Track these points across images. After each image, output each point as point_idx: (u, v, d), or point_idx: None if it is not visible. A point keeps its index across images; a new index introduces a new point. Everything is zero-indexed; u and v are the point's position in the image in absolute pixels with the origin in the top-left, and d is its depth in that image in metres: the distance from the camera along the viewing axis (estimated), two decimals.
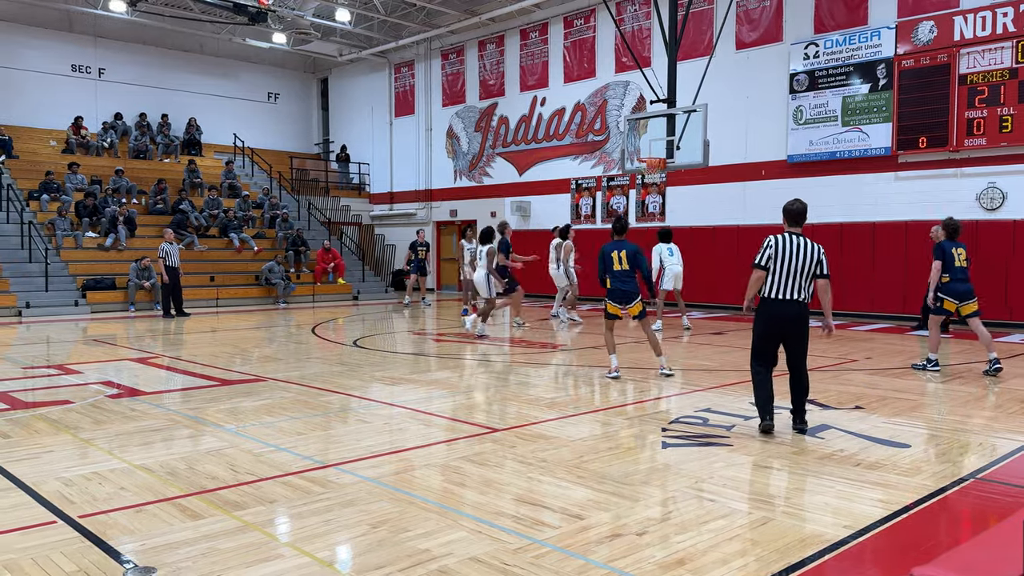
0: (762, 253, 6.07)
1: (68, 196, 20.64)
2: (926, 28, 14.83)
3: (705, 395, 7.75)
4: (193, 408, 7.19)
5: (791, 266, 5.99)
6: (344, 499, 4.53)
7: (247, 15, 21.20)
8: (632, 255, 8.74)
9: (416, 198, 26.15)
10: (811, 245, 6.05)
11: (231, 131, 26.82)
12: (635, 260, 8.73)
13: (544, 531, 4.01)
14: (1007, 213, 14.14)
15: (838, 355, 10.60)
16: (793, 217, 6.19)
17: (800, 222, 6.19)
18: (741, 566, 3.57)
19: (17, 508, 4.40)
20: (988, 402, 7.36)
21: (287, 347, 12.05)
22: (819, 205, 16.34)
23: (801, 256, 5.99)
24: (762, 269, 6.07)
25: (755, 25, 17.36)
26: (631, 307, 8.78)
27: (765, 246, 6.10)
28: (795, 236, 6.07)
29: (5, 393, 7.99)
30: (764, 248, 6.08)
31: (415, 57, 25.60)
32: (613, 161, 20.08)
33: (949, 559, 3.05)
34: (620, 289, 8.76)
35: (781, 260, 6.02)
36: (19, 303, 17.07)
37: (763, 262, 6.05)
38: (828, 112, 16.12)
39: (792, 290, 5.99)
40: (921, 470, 5.09)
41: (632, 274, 8.73)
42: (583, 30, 20.87)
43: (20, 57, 23.19)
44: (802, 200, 6.31)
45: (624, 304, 8.79)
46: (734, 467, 5.18)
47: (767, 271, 6.06)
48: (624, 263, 8.71)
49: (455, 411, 7.12)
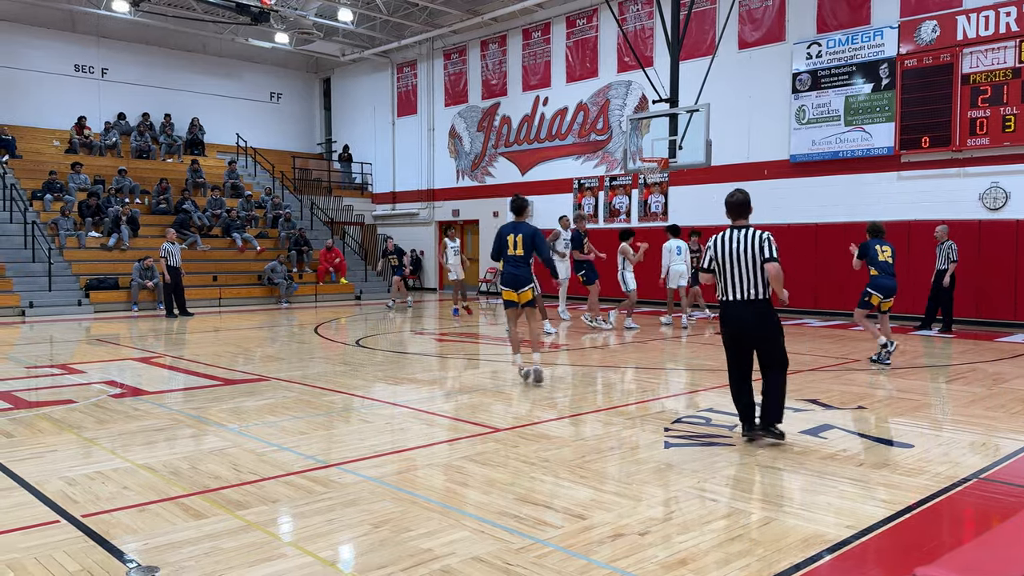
0: (704, 255, 5.73)
1: (71, 196, 20.67)
2: (929, 28, 14.80)
3: (707, 395, 7.74)
4: (196, 408, 7.20)
5: (736, 264, 5.54)
6: (346, 499, 4.53)
7: (250, 15, 21.21)
8: (528, 238, 8.23)
9: (418, 198, 26.16)
10: (755, 236, 5.54)
11: (234, 131, 26.85)
12: (531, 244, 8.21)
13: (546, 531, 4.01)
14: (1010, 213, 14.11)
15: (840, 355, 10.59)
16: (734, 210, 5.69)
17: (743, 214, 5.69)
18: (743, 566, 3.57)
19: (20, 507, 4.41)
20: (991, 402, 7.35)
21: (290, 347, 12.06)
22: (822, 205, 16.37)
23: (745, 251, 5.51)
24: (706, 272, 5.77)
25: (757, 25, 17.35)
26: (522, 293, 8.24)
27: (707, 247, 5.72)
28: (737, 231, 5.59)
29: (8, 392, 8.00)
30: (706, 249, 5.74)
31: (417, 57, 25.61)
32: (615, 161, 20.08)
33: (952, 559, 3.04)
34: (512, 273, 8.26)
35: (724, 259, 5.61)
36: (22, 303, 17.10)
37: (706, 264, 5.70)
38: (831, 112, 16.11)
39: (744, 289, 5.54)
40: (924, 470, 5.08)
41: (527, 259, 8.24)
42: (585, 30, 20.86)
43: (23, 57, 23.23)
44: (743, 191, 5.79)
45: (516, 289, 8.25)
46: (736, 467, 5.18)
47: (714, 274, 5.70)
48: (519, 247, 8.20)
49: (457, 411, 7.12)
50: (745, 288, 5.52)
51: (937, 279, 13.20)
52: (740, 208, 5.68)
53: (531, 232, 8.24)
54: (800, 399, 7.45)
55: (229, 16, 22.72)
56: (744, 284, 5.52)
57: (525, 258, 8.23)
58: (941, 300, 13.22)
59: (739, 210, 5.68)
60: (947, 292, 13.06)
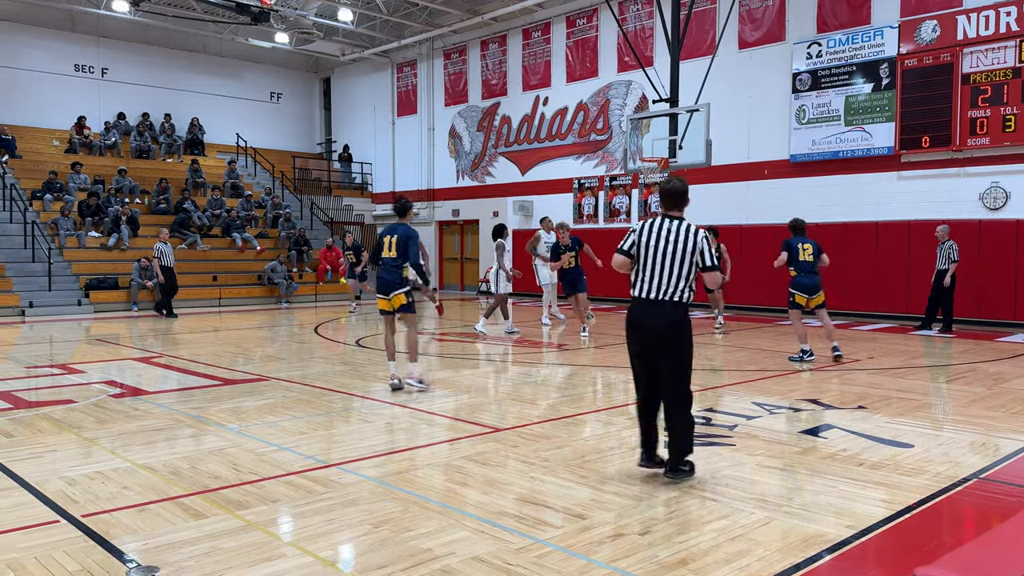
0: (626, 238, 4.95)
1: (71, 196, 20.67)
2: (929, 27, 14.80)
3: (708, 395, 7.74)
4: (196, 408, 7.19)
5: (656, 256, 4.76)
6: (346, 499, 4.53)
7: (250, 15, 21.21)
8: (401, 241, 7.77)
9: (418, 198, 26.15)
10: (690, 231, 4.78)
11: (234, 131, 26.85)
12: (404, 247, 7.76)
13: (547, 531, 4.01)
14: (1010, 213, 14.11)
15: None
16: (670, 198, 4.93)
17: (679, 204, 4.94)
18: (744, 566, 3.57)
19: (20, 507, 4.41)
20: (991, 402, 7.35)
21: (289, 347, 12.06)
22: (822, 205, 16.36)
23: (673, 244, 4.74)
24: (624, 255, 4.92)
25: (758, 24, 17.35)
26: (393, 297, 7.84)
27: (632, 230, 4.99)
28: (670, 220, 4.84)
29: (8, 392, 8.00)
30: (630, 233, 4.98)
31: (417, 57, 25.61)
32: (615, 161, 20.07)
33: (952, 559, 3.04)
34: (382, 278, 7.91)
35: (648, 248, 4.81)
36: (22, 303, 17.10)
37: (626, 247, 4.92)
38: (831, 112, 16.10)
39: (657, 287, 4.74)
40: (924, 470, 5.08)
41: (399, 262, 7.79)
42: (585, 29, 20.86)
43: (23, 57, 23.23)
44: (682, 179, 5.05)
45: (387, 294, 7.88)
46: (737, 467, 5.17)
47: (632, 259, 4.90)
48: (392, 249, 7.78)
49: (457, 411, 7.12)
50: (663, 286, 4.73)
51: (937, 279, 13.20)
52: (677, 198, 4.93)
53: (405, 234, 7.78)
54: (800, 399, 7.45)
55: (229, 16, 22.72)
56: (663, 281, 4.73)
57: (397, 261, 7.79)
58: (941, 300, 13.22)
59: (675, 200, 4.92)
60: (947, 292, 13.06)
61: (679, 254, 4.72)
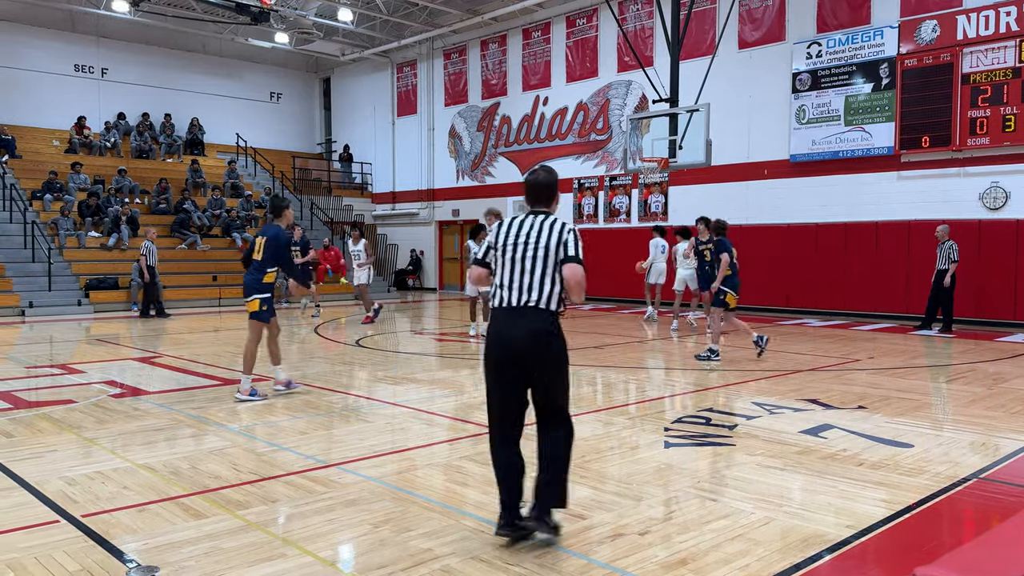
0: (482, 244, 4.19)
1: (71, 196, 20.67)
2: (929, 27, 14.80)
3: (707, 395, 7.74)
4: (196, 407, 7.19)
5: (515, 256, 3.90)
6: (346, 498, 4.53)
7: (250, 15, 21.20)
8: (269, 244, 7.39)
9: (418, 198, 26.16)
10: (555, 226, 3.94)
11: (234, 131, 26.85)
12: (270, 250, 7.37)
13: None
14: (1010, 213, 14.11)
15: (841, 355, 10.59)
16: (534, 192, 4.10)
17: (541, 199, 4.09)
18: (743, 566, 3.57)
19: (20, 507, 4.41)
20: (991, 402, 7.35)
21: (289, 347, 12.05)
22: (822, 205, 16.36)
23: (537, 242, 3.88)
24: (480, 265, 4.09)
25: (757, 24, 17.35)
26: (248, 302, 7.49)
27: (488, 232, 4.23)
28: (532, 216, 4.02)
29: (8, 392, 8.00)
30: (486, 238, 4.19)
31: (417, 57, 25.60)
32: (616, 161, 20.07)
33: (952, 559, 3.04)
34: (245, 280, 7.56)
35: (506, 249, 3.95)
36: (22, 303, 17.09)
37: (481, 254, 4.10)
38: (831, 111, 16.10)
39: (519, 292, 3.86)
40: (924, 470, 5.08)
41: (262, 265, 7.41)
42: (585, 29, 20.86)
43: (23, 57, 23.22)
44: (549, 168, 4.20)
45: (245, 298, 7.53)
46: (737, 467, 5.17)
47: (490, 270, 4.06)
48: (261, 251, 7.42)
49: (457, 410, 7.12)
50: (524, 291, 3.85)
51: (937, 279, 13.20)
52: (539, 190, 4.08)
53: (273, 235, 7.42)
54: (800, 399, 7.45)
55: (229, 16, 22.71)
56: (524, 286, 3.86)
57: (261, 264, 7.41)
58: (941, 300, 13.22)
59: (541, 194, 4.08)
60: (947, 292, 13.06)
61: (542, 251, 3.86)
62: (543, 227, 3.94)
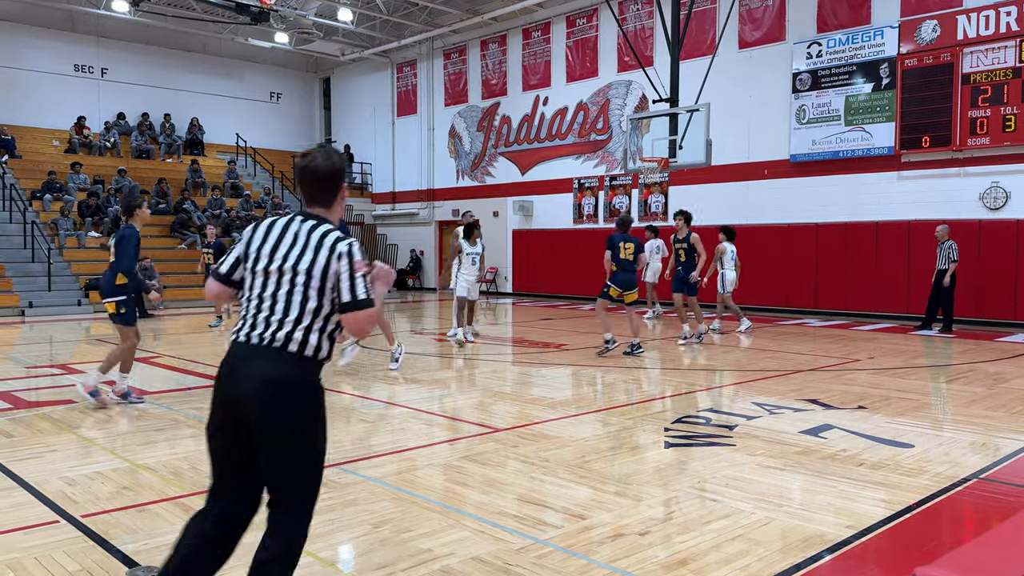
0: (229, 252, 3.03)
1: (71, 196, 20.68)
2: (929, 27, 14.80)
3: (707, 395, 7.74)
4: (196, 408, 7.19)
5: (264, 275, 2.86)
6: (346, 499, 4.53)
7: (249, 15, 21.21)
8: (116, 244, 7.04)
9: (418, 198, 26.17)
10: (325, 240, 2.82)
11: (233, 131, 26.85)
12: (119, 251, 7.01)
13: (546, 531, 4.01)
14: (1010, 213, 14.11)
15: (841, 355, 10.58)
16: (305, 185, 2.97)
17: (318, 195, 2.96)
18: (743, 566, 3.57)
19: (20, 507, 4.40)
20: (991, 402, 7.35)
21: None
22: (822, 205, 16.37)
23: (295, 258, 2.82)
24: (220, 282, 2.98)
25: (758, 24, 17.35)
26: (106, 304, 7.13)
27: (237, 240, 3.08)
28: (298, 222, 2.91)
29: (8, 392, 8.00)
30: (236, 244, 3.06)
31: (417, 57, 25.60)
32: (616, 160, 20.07)
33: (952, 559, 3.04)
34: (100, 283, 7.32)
35: (254, 262, 2.90)
36: (22, 303, 17.09)
37: (224, 268, 2.99)
38: (831, 111, 16.10)
39: (263, 325, 2.80)
40: (924, 470, 5.08)
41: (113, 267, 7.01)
42: (585, 29, 20.86)
43: (23, 57, 23.22)
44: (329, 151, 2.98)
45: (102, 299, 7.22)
46: (737, 467, 5.17)
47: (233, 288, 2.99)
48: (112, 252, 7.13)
49: (457, 411, 7.12)
50: (264, 324, 2.80)
51: (937, 279, 13.20)
52: (320, 184, 2.95)
53: (119, 236, 7.09)
54: (800, 399, 7.45)
55: (229, 16, 22.72)
56: (265, 317, 2.81)
57: (112, 266, 7.06)
58: (941, 300, 13.22)
59: (317, 187, 2.96)
60: (947, 292, 13.06)
61: (301, 277, 2.79)
62: (308, 242, 2.82)
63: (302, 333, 2.78)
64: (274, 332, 2.78)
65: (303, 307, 2.79)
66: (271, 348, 2.76)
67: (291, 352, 2.77)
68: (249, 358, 2.77)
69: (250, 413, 2.72)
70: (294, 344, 2.77)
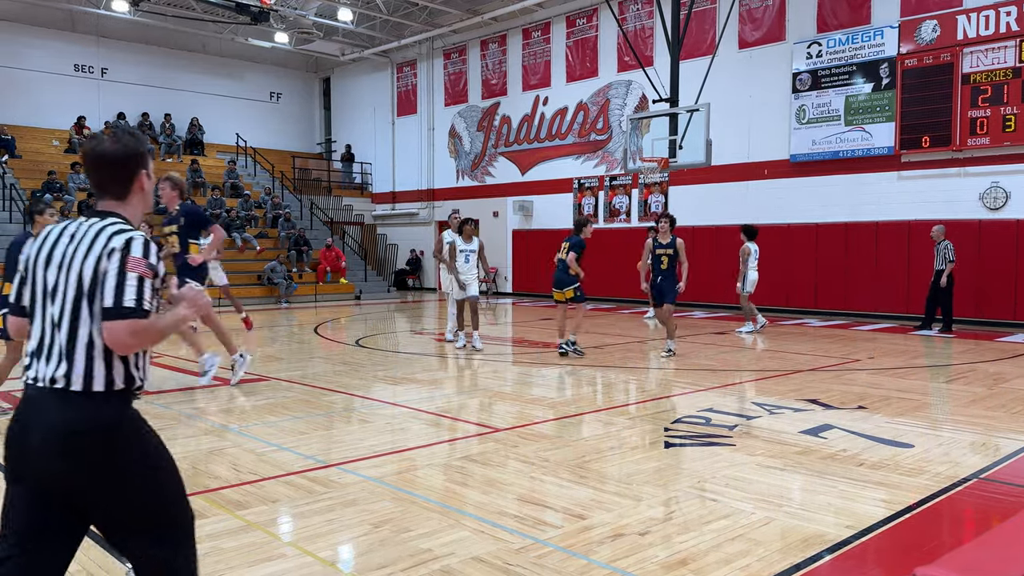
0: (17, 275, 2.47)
1: (71, 196, 20.67)
2: (929, 27, 14.80)
3: (707, 395, 7.74)
4: (196, 408, 7.19)
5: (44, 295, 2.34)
6: (346, 499, 4.53)
7: (250, 15, 21.22)
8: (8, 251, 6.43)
9: (418, 198, 26.17)
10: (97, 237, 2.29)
11: (234, 131, 26.85)
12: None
13: (546, 531, 4.01)
14: (1010, 213, 14.11)
15: (841, 355, 10.58)
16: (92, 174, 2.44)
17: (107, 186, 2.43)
18: (744, 566, 3.57)
19: None
20: (991, 402, 7.35)
21: (289, 346, 12.06)
22: (822, 205, 16.37)
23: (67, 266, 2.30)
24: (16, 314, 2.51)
25: (758, 24, 17.35)
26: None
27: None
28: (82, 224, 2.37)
29: (8, 393, 7.99)
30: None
31: (417, 56, 25.61)
32: (615, 160, 20.08)
33: (952, 559, 3.04)
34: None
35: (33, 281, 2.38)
36: None
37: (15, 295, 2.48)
38: (831, 111, 16.11)
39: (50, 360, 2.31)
40: (924, 470, 5.08)
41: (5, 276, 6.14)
42: (585, 29, 20.86)
43: (23, 57, 23.22)
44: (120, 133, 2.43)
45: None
46: (737, 467, 5.17)
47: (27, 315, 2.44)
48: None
49: (457, 411, 7.12)
50: (47, 360, 2.32)
51: (935, 279, 13.20)
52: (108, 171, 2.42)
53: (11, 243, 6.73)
54: (800, 399, 7.45)
55: (229, 16, 22.72)
56: (47, 349, 2.32)
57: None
58: (940, 300, 13.22)
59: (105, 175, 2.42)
60: (945, 292, 13.05)
61: (72, 288, 2.27)
62: (82, 243, 2.28)
63: (88, 365, 2.23)
64: (57, 368, 2.25)
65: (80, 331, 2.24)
66: (57, 391, 2.25)
67: (78, 392, 2.23)
68: (37, 406, 2.28)
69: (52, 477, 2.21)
70: (82, 379, 2.23)
